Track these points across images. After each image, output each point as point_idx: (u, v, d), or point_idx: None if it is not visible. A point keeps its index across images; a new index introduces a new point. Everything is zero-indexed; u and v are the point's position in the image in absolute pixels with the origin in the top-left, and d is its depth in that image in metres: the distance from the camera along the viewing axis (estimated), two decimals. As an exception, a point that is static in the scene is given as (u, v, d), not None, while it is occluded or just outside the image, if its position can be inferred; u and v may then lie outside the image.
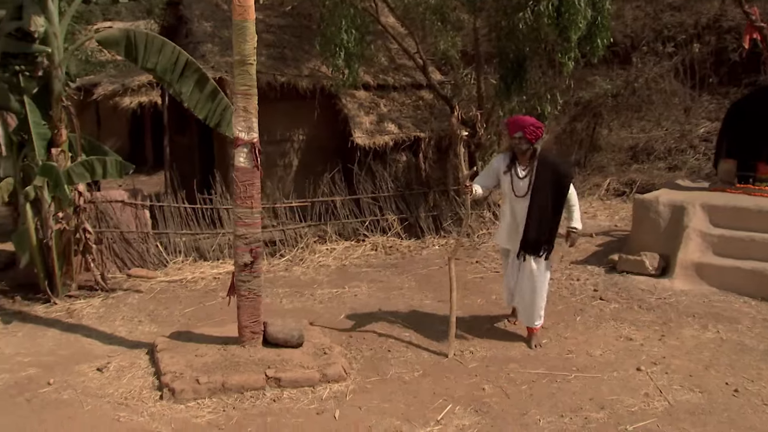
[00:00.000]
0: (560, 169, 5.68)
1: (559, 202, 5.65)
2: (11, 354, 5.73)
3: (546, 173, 5.57)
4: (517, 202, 5.72)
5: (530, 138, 5.51)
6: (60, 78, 6.86)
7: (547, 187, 5.57)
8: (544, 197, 5.57)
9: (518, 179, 5.69)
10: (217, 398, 4.77)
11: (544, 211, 5.60)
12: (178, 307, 7.07)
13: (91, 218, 8.02)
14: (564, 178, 5.64)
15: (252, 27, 5.14)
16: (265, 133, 10.22)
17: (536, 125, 5.55)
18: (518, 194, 5.69)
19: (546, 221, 5.63)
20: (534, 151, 5.62)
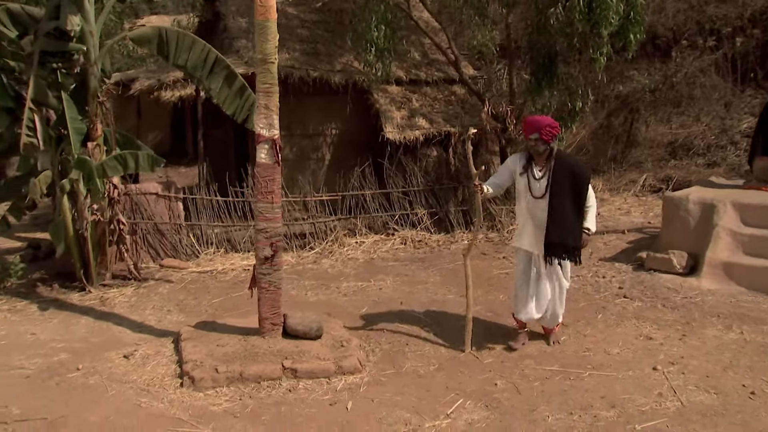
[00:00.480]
0: (578, 170, 5.56)
1: (579, 204, 5.54)
2: (46, 340, 6.00)
3: (563, 174, 5.48)
4: (535, 203, 5.62)
5: (546, 139, 5.41)
6: (96, 75, 7.11)
7: (566, 188, 5.48)
8: (563, 199, 5.47)
9: (535, 180, 5.60)
10: (234, 387, 4.93)
11: (565, 213, 5.49)
12: (207, 298, 7.27)
13: (126, 210, 8.32)
14: (582, 180, 5.53)
15: (273, 26, 5.27)
16: (298, 127, 10.55)
17: (552, 125, 5.46)
18: (535, 195, 5.60)
19: (568, 223, 5.51)
20: (551, 151, 5.53)
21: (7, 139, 6.81)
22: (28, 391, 4.92)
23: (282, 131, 10.31)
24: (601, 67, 8.96)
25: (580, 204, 5.52)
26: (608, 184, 12.57)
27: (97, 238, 7.38)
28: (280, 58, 9.94)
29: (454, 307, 6.87)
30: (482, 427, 4.45)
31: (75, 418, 4.43)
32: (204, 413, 4.55)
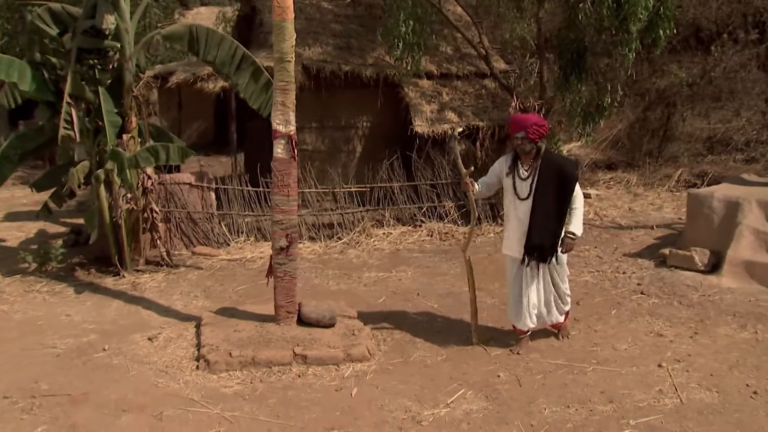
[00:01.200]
0: (565, 170, 5.35)
1: (564, 205, 5.36)
2: (79, 321, 6.38)
3: (550, 174, 5.30)
4: (521, 204, 5.44)
5: (533, 137, 5.24)
6: (131, 70, 7.45)
7: (551, 188, 5.29)
8: (548, 199, 5.31)
9: (521, 180, 5.42)
10: (247, 371, 5.19)
11: (548, 215, 5.33)
12: (233, 285, 7.57)
13: (161, 199, 8.67)
14: (569, 179, 5.32)
15: (290, 26, 5.46)
16: (330, 120, 10.79)
17: (539, 124, 5.29)
18: (521, 196, 5.42)
19: (549, 225, 5.34)
20: (538, 150, 5.36)
21: (48, 131, 7.20)
22: (57, 368, 5.27)
23: (314, 124, 10.72)
24: (629, 63, 8.95)
25: (565, 205, 5.34)
26: (642, 179, 12.49)
27: (131, 225, 7.75)
28: (314, 52, 10.29)
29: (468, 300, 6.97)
30: (479, 417, 4.60)
31: (95, 395, 4.76)
32: (215, 395, 4.82)
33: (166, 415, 4.50)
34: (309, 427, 4.41)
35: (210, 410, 4.57)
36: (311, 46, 10.43)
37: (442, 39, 11.21)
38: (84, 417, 4.45)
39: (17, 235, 9.88)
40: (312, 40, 10.53)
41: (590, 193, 11.90)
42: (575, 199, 5.38)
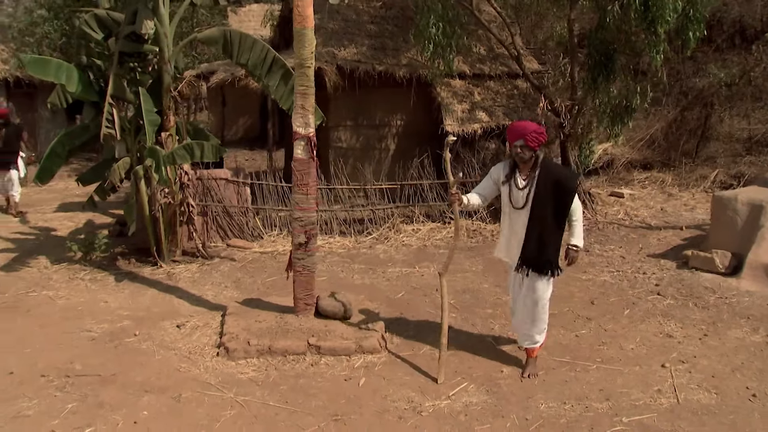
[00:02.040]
0: (563, 182, 5.15)
1: (561, 217, 5.19)
2: (115, 308, 6.84)
3: (548, 184, 5.13)
4: (516, 214, 5.29)
5: (532, 145, 5.07)
6: (169, 72, 7.87)
7: (549, 199, 5.13)
8: (545, 210, 5.14)
9: (517, 189, 5.25)
10: (263, 359, 5.54)
11: (545, 225, 5.17)
12: (262, 276, 7.94)
13: (198, 193, 9.13)
14: (566, 192, 5.14)
15: (310, 34, 5.76)
16: (365, 118, 11.08)
17: (538, 131, 5.10)
18: (516, 206, 5.26)
19: (547, 236, 5.20)
20: (536, 159, 5.19)
21: (92, 129, 7.68)
22: (92, 351, 5.72)
23: (349, 122, 11.04)
24: (658, 65, 8.98)
25: (562, 217, 5.17)
26: (678, 179, 12.43)
27: (169, 218, 8.20)
28: (349, 52, 10.60)
29: (486, 296, 7.23)
30: (477, 409, 4.83)
31: (122, 377, 5.17)
32: (231, 380, 5.17)
33: (184, 397, 4.87)
34: (314, 413, 4.72)
35: (224, 394, 4.93)
36: (347, 47, 10.74)
37: (476, 40, 11.37)
38: (110, 396, 4.86)
39: (68, 225, 10.51)
40: (348, 41, 10.83)
41: (623, 192, 11.93)
42: (574, 212, 5.21)
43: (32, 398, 4.84)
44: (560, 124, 10.08)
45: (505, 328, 6.35)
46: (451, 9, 9.61)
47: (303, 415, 4.69)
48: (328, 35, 10.82)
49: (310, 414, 4.70)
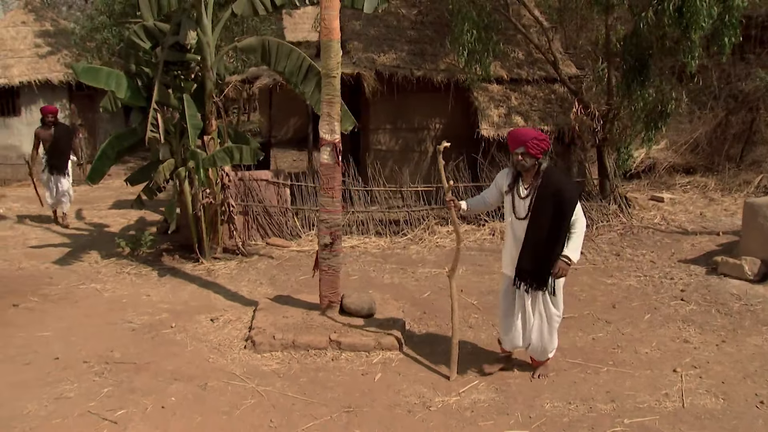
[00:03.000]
0: (564, 192, 5.00)
1: (561, 229, 5.03)
2: (156, 301, 7.30)
3: (548, 194, 5.00)
4: (518, 224, 5.18)
5: (534, 153, 4.95)
6: (211, 78, 8.30)
7: (549, 209, 4.99)
8: (544, 221, 5.03)
9: (519, 199, 5.14)
10: (287, 352, 5.87)
11: (543, 237, 5.05)
12: (296, 274, 8.30)
13: (240, 193, 9.56)
14: (567, 203, 4.98)
15: (336, 45, 6.06)
16: (403, 122, 11.34)
17: (539, 138, 4.97)
18: (518, 216, 5.16)
19: (544, 248, 5.07)
20: (539, 167, 5.08)
21: (139, 133, 8.16)
22: (131, 341, 6.17)
23: (388, 125, 11.35)
24: (692, 70, 8.98)
25: (562, 229, 5.02)
26: (720, 184, 12.29)
27: (210, 217, 8.64)
28: (388, 58, 10.90)
29: (509, 299, 7.41)
30: (484, 406, 5.05)
31: (155, 366, 5.59)
32: (255, 371, 5.53)
33: (209, 385, 5.25)
34: (329, 404, 5.02)
35: (247, 384, 5.28)
36: (386, 53, 11.02)
37: (515, 45, 11.50)
38: (142, 382, 5.27)
39: (120, 222, 11.12)
40: (387, 47, 11.12)
41: (663, 196, 11.88)
42: (575, 224, 5.06)
43: (74, 382, 5.29)
44: (594, 129, 10.15)
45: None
46: (486, 16, 9.79)
47: (318, 405, 5.00)
48: (369, 41, 11.12)
49: (325, 405, 5.01)
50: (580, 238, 5.11)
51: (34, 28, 16.91)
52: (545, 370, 5.54)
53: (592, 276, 8.15)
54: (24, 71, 15.72)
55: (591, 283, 7.87)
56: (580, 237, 5.11)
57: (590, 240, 9.68)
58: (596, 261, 8.74)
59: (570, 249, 5.08)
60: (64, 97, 16.21)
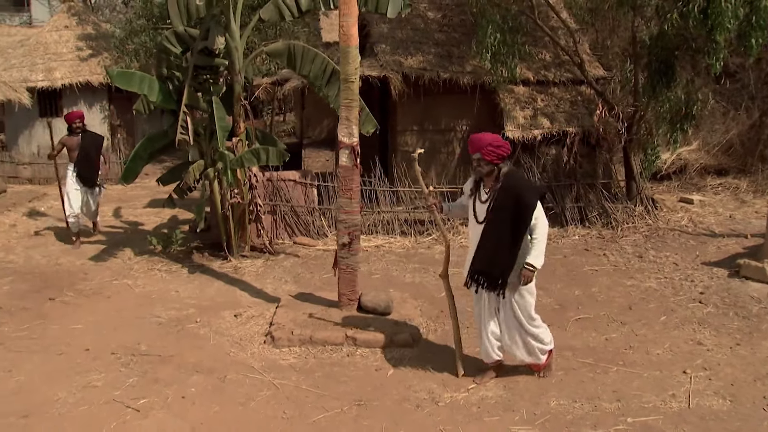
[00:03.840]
0: (523, 197, 4.92)
1: (518, 233, 4.95)
2: (184, 297, 7.59)
3: (507, 199, 4.94)
4: (478, 228, 5.15)
5: (489, 159, 4.91)
6: (240, 82, 8.57)
7: (507, 214, 4.93)
8: (502, 225, 4.96)
9: (480, 203, 5.13)
10: (304, 348, 6.09)
11: (499, 241, 4.99)
12: (320, 273, 8.52)
13: (268, 193, 9.83)
14: (525, 207, 4.90)
15: (354, 51, 6.25)
16: (430, 123, 11.48)
17: (495, 144, 4.92)
18: (479, 220, 5.14)
19: (500, 250, 5.00)
20: (498, 171, 5.01)
21: (170, 135, 8.47)
22: (157, 334, 6.46)
23: (415, 127, 11.51)
24: (717, 72, 8.95)
25: (519, 233, 4.95)
26: (753, 186, 12.18)
27: (238, 217, 8.92)
28: (415, 60, 11.07)
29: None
30: (491, 403, 5.19)
31: (178, 358, 5.86)
32: (272, 365, 5.76)
33: (228, 378, 5.49)
34: (341, 397, 5.22)
35: (264, 377, 5.51)
36: (414, 55, 11.18)
37: (542, 47, 11.55)
38: (165, 374, 5.55)
39: (154, 220, 11.50)
40: (414, 50, 11.27)
41: (693, 198, 11.81)
42: (536, 229, 4.97)
43: (102, 372, 5.59)
44: (618, 131, 10.16)
45: (538, 328, 6.64)
46: (512, 18, 9.87)
47: (330, 398, 5.20)
48: (396, 44, 11.30)
49: (337, 398, 5.21)
50: (542, 243, 5.01)
51: (76, 32, 17.50)
52: (547, 371, 5.53)
53: (612, 277, 8.19)
54: (66, 74, 16.31)
55: (610, 285, 7.92)
56: (542, 242, 5.01)
57: (614, 242, 9.73)
58: (618, 263, 8.77)
59: (533, 256, 5.00)
60: (104, 98, 16.78)
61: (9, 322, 6.75)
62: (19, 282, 8.04)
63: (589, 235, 10.10)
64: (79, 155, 9.79)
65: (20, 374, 5.56)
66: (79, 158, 9.80)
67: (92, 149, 9.85)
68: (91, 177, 9.82)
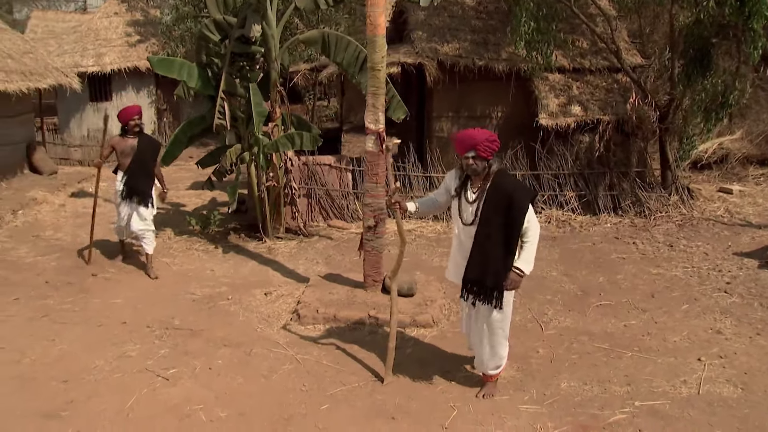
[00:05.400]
0: (515, 197, 4.59)
1: (511, 237, 4.64)
2: (218, 275, 7.93)
3: (498, 199, 4.63)
4: (464, 231, 4.88)
5: (485, 155, 4.63)
6: (276, 69, 8.84)
7: (499, 216, 4.62)
8: (494, 229, 4.66)
9: (467, 203, 4.82)
10: (328, 325, 6.36)
11: (492, 247, 4.68)
12: (351, 255, 8.76)
13: (304, 177, 10.11)
14: (518, 209, 4.58)
15: (381, 41, 6.43)
16: (466, 110, 11.59)
17: (491, 139, 4.65)
18: (465, 221, 4.84)
19: (491, 259, 4.70)
20: (489, 169, 4.72)
21: (208, 120, 8.81)
22: (190, 310, 6.81)
23: (450, 113, 11.63)
24: (755, 61, 8.84)
25: (512, 237, 4.64)
26: (793, 176, 11.96)
27: (273, 199, 9.22)
28: (451, 48, 11.18)
29: (550, 284, 7.64)
30: (503, 382, 5.34)
31: (208, 332, 6.19)
32: (296, 341, 6.03)
33: (254, 352, 5.79)
34: (358, 373, 5.45)
35: (287, 352, 5.79)
36: (450, 42, 11.29)
37: (580, 34, 11.52)
38: (195, 347, 5.87)
39: (195, 202, 11.92)
40: (451, 36, 11.38)
41: (732, 188, 11.67)
42: (527, 232, 4.67)
43: (136, 343, 5.95)
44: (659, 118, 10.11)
45: (558, 313, 6.77)
46: (546, 6, 9.89)
47: (348, 374, 5.44)
48: (433, 31, 11.41)
49: (355, 374, 5.45)
50: (533, 247, 4.71)
51: (126, 18, 18.09)
52: (489, 389, 5.12)
53: (639, 265, 8.23)
54: (115, 59, 16.90)
55: (635, 272, 7.97)
56: (533, 246, 4.71)
57: (646, 230, 9.73)
58: (647, 251, 8.79)
59: (522, 260, 4.69)
60: (151, 83, 17.33)
61: (54, 296, 7.18)
62: (66, 258, 8.50)
63: (621, 224, 10.11)
64: (132, 163, 7.77)
65: (62, 343, 5.95)
66: (133, 167, 7.78)
67: (149, 156, 7.89)
68: (145, 190, 7.83)
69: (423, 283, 7.27)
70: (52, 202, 11.69)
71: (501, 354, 5.05)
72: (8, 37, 13.74)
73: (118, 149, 7.86)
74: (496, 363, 5.07)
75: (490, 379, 5.15)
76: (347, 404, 4.96)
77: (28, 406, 4.84)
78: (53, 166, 14.51)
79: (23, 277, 7.77)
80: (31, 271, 7.97)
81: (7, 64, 12.55)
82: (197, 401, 4.92)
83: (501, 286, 4.74)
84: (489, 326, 4.96)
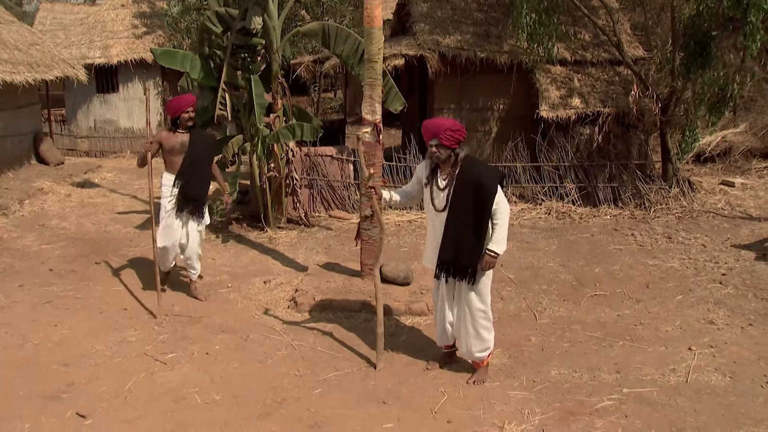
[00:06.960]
0: (483, 181, 4.76)
1: (482, 219, 4.81)
2: (218, 264, 8.05)
3: (467, 184, 4.80)
4: (437, 217, 5.03)
5: (447, 144, 4.77)
6: (277, 60, 8.93)
7: (469, 201, 4.80)
8: (464, 213, 4.84)
9: (438, 191, 4.98)
10: (324, 313, 6.46)
11: (464, 229, 4.86)
12: (350, 245, 8.86)
13: (305, 168, 10.21)
14: (486, 192, 4.74)
15: (378, 33, 6.51)
16: (468, 102, 11.65)
17: (453, 128, 4.79)
18: (437, 208, 5.00)
19: (465, 239, 4.87)
20: (456, 157, 4.88)
21: (210, 111, 8.91)
22: (191, 297, 6.91)
23: (452, 105, 11.71)
24: (753, 54, 8.86)
25: (483, 219, 4.81)
26: (796, 170, 11.96)
27: (274, 190, 9.33)
28: (452, 40, 11.23)
29: (546, 274, 7.72)
30: (494, 370, 5.41)
31: (207, 319, 6.31)
32: (293, 328, 6.14)
33: (251, 337, 5.90)
34: (352, 359, 5.55)
35: (283, 338, 5.90)
36: (452, 34, 11.35)
37: (582, 26, 11.55)
38: (193, 332, 6.00)
39: (200, 192, 12.01)
40: (453, 28, 11.43)
41: (735, 181, 11.69)
42: (497, 214, 4.81)
43: (136, 329, 6.08)
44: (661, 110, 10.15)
45: (553, 303, 6.85)
46: (547, -1, 9.94)
47: (342, 360, 5.55)
48: (435, 23, 11.47)
49: (348, 360, 5.55)
50: (504, 228, 4.86)
51: (132, 10, 18.21)
52: (479, 375, 5.23)
53: (636, 256, 8.29)
54: (122, 51, 17.04)
55: (632, 263, 8.03)
56: (504, 227, 4.86)
57: (645, 222, 9.78)
58: (645, 242, 8.85)
59: (495, 241, 4.85)
60: (157, 75, 17.44)
61: (58, 283, 7.32)
62: (70, 247, 8.64)
63: (621, 215, 10.17)
64: (185, 163, 6.60)
65: (64, 328, 6.09)
66: (186, 168, 6.62)
67: (204, 155, 6.75)
68: (201, 197, 6.76)
69: (419, 272, 7.35)
70: (58, 192, 11.85)
71: (485, 336, 5.14)
72: (15, 29, 13.88)
73: (166, 145, 6.59)
74: (481, 346, 5.14)
75: (480, 364, 5.24)
76: (339, 389, 5.06)
77: (30, 388, 4.97)
78: (60, 156, 14.68)
79: (28, 264, 7.92)
80: (37, 259, 8.12)
81: (14, 56, 12.69)
82: (193, 385, 5.03)
83: (474, 264, 4.90)
84: (469, 308, 5.08)
